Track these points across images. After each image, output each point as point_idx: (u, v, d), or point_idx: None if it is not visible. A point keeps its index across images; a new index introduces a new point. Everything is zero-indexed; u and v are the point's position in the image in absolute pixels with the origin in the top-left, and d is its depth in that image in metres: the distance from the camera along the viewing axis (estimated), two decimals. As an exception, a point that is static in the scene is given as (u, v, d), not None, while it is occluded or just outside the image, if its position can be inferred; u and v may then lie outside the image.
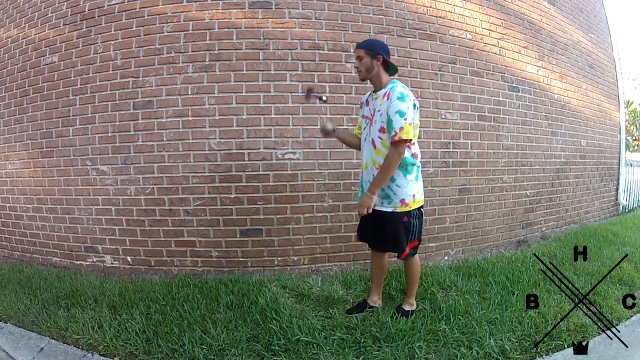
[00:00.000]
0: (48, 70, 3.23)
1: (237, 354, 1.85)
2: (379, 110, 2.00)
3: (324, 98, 2.26)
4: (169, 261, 3.02)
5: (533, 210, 4.03)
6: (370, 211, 1.98)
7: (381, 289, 2.36)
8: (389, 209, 2.00)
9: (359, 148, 2.27)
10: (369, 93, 2.17)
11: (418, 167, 2.06)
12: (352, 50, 3.03)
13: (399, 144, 1.88)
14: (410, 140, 1.92)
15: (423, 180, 2.15)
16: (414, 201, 2.01)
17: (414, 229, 2.04)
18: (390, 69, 2.07)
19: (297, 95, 2.96)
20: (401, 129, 1.86)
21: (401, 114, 1.86)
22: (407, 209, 2.00)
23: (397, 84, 1.98)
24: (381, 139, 2.00)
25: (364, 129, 2.14)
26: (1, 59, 3.51)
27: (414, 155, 2.01)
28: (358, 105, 2.30)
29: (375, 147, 2.03)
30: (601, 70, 5.06)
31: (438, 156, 3.30)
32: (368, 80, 2.08)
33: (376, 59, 1.99)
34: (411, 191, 2.00)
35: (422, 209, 2.08)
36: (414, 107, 1.94)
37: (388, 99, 1.94)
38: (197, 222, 2.97)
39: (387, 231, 2.05)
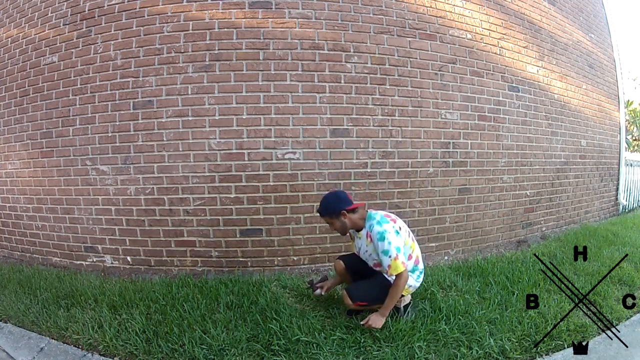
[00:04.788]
0: (48, 70, 3.23)
1: (237, 354, 1.85)
2: (366, 251, 2.11)
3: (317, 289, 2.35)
4: (169, 261, 3.02)
5: (533, 210, 4.03)
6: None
7: None
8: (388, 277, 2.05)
9: None
10: (353, 230, 2.19)
11: (421, 271, 2.18)
12: (352, 50, 3.04)
13: (398, 275, 1.95)
14: (406, 264, 2.00)
15: (423, 181, 2.15)
16: (406, 289, 2.10)
17: (381, 298, 2.04)
18: (356, 209, 2.11)
19: (297, 95, 2.96)
20: (389, 267, 1.95)
21: (385, 253, 1.95)
22: None
23: (373, 221, 2.04)
24: (379, 270, 2.13)
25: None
26: (1, 59, 3.51)
27: (415, 262, 2.13)
28: (350, 240, 2.37)
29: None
30: (601, 70, 5.06)
31: (438, 156, 3.30)
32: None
33: (342, 216, 2.06)
34: (411, 283, 2.09)
35: (403, 298, 2.16)
36: (397, 233, 2.00)
37: (371, 240, 2.04)
38: (197, 222, 2.97)
39: (371, 279, 2.11)
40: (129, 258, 3.09)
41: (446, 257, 3.39)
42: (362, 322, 2.02)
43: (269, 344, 1.93)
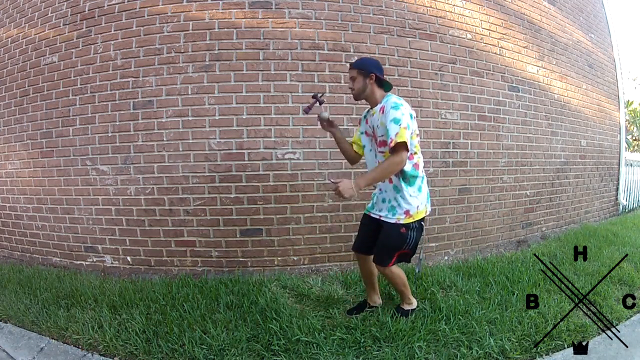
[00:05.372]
0: (48, 70, 3.23)
1: (237, 354, 1.85)
2: (377, 126, 1.99)
3: (320, 97, 2.17)
4: (169, 261, 3.02)
5: (533, 210, 4.03)
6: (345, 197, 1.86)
7: (377, 289, 2.34)
8: (393, 220, 1.98)
9: (351, 161, 2.32)
10: (366, 110, 2.14)
11: (422, 177, 2.03)
12: (352, 50, 3.04)
13: (398, 149, 1.83)
14: (409, 150, 1.87)
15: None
16: (417, 212, 1.99)
17: (410, 241, 2.00)
18: (385, 86, 2.04)
19: (297, 95, 2.96)
20: (397, 134, 1.81)
21: (395, 120, 1.83)
22: (409, 220, 1.97)
23: (391, 96, 1.97)
24: (382, 152, 2.00)
25: (366, 146, 2.14)
26: (1, 59, 3.51)
27: (415, 166, 1.98)
28: (357, 123, 2.25)
29: (378, 162, 2.02)
30: (601, 70, 5.07)
31: (438, 156, 3.30)
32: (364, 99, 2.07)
33: (369, 78, 1.98)
34: (415, 203, 1.98)
35: (422, 222, 2.04)
36: (411, 117, 1.91)
37: (383, 112, 1.93)
38: (197, 222, 2.97)
39: (380, 237, 2.02)
40: (129, 258, 3.09)
41: (446, 257, 3.39)
42: (332, 181, 1.83)
43: (269, 344, 1.93)
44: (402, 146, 1.83)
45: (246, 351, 1.88)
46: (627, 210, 5.92)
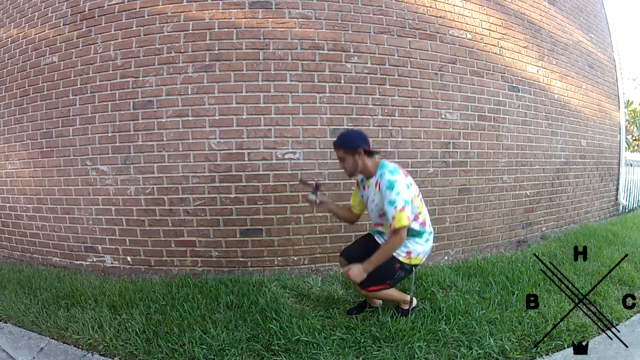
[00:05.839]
0: (48, 70, 3.23)
1: (237, 354, 1.85)
2: (373, 200, 2.05)
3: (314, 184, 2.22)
4: (169, 261, 3.03)
5: (533, 210, 4.03)
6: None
7: None
8: (393, 254, 2.00)
9: (352, 222, 2.35)
10: (361, 177, 2.16)
11: (430, 232, 2.11)
12: (352, 50, 3.04)
13: (398, 231, 1.89)
14: (410, 222, 1.91)
15: (423, 181, 2.14)
16: (416, 257, 2.05)
17: (396, 277, 2.05)
18: (374, 153, 2.06)
19: (297, 95, 2.96)
20: (393, 218, 1.87)
21: (391, 203, 1.88)
22: (407, 261, 2.02)
23: (385, 169, 1.97)
24: (382, 224, 2.12)
25: (368, 206, 2.17)
26: (1, 59, 3.51)
27: (422, 225, 2.05)
28: (354, 187, 2.29)
29: (381, 227, 2.16)
30: (601, 70, 5.06)
31: (438, 156, 3.30)
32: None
33: (357, 154, 1.98)
34: (419, 249, 2.05)
35: (414, 267, 2.10)
36: (408, 187, 1.94)
37: (379, 189, 1.96)
38: (197, 222, 2.97)
39: None
40: (129, 258, 3.09)
41: (446, 257, 3.39)
42: (342, 271, 1.97)
43: (269, 344, 1.93)
44: (404, 228, 1.89)
45: (246, 351, 1.88)
46: (627, 210, 5.92)
